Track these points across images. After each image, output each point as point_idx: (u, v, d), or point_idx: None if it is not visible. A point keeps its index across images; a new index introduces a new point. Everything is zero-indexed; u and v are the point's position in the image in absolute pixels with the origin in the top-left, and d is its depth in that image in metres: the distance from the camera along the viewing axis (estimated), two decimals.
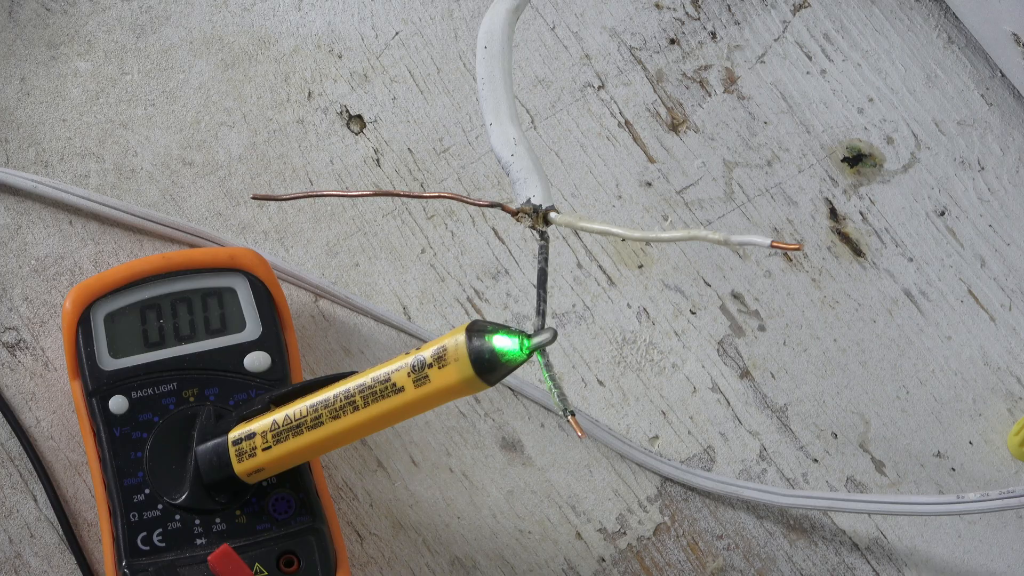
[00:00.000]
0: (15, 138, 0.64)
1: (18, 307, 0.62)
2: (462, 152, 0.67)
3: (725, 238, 0.48)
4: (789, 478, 0.64)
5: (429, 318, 0.64)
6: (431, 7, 0.69)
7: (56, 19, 0.67)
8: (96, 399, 0.57)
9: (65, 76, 0.66)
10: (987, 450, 0.65)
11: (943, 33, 0.71)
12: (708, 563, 0.62)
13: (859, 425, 0.65)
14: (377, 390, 0.50)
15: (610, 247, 0.66)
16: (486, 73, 0.56)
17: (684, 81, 0.69)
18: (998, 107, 0.70)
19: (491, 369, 0.48)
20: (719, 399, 0.65)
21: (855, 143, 0.69)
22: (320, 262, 0.65)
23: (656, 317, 0.65)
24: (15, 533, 0.59)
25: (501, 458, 0.63)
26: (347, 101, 0.67)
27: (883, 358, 0.66)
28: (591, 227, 0.51)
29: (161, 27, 0.67)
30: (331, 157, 0.66)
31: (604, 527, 0.63)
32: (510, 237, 0.66)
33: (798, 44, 0.70)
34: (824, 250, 0.67)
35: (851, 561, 0.63)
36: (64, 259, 0.63)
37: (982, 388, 0.66)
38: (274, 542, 0.56)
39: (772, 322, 0.66)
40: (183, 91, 0.66)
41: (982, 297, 0.67)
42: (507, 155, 0.55)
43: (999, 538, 0.64)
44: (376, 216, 0.65)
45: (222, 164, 0.65)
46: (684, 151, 0.68)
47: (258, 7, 0.68)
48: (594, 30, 0.70)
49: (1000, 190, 0.69)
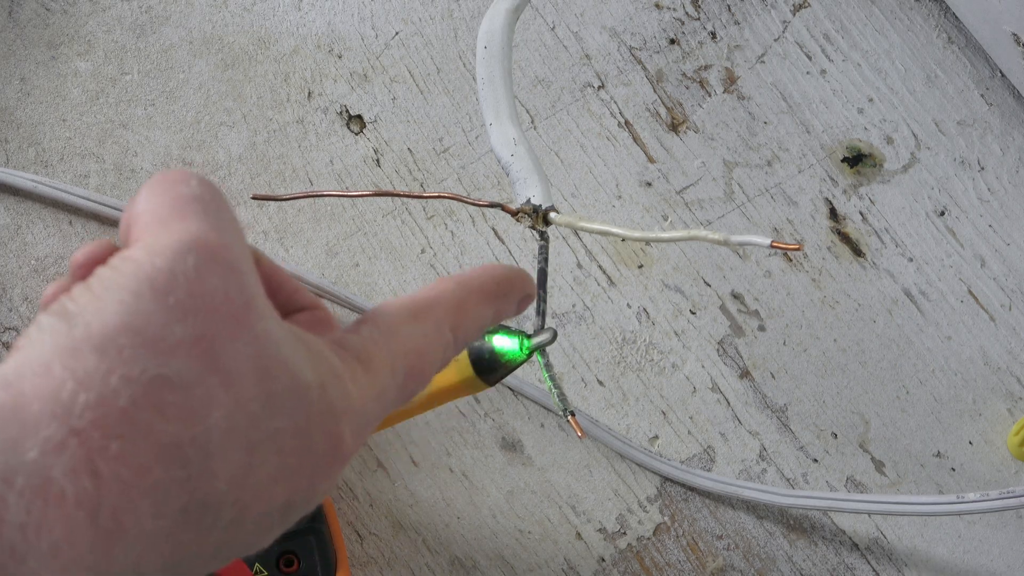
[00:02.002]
0: (15, 138, 0.64)
1: (18, 307, 0.62)
2: (462, 152, 0.67)
3: (725, 238, 0.48)
4: (789, 478, 0.64)
5: None
6: (431, 7, 0.69)
7: (56, 19, 0.67)
8: None
9: (65, 76, 0.66)
10: (987, 450, 0.65)
11: (943, 33, 0.71)
12: (708, 563, 0.62)
13: (859, 425, 0.65)
14: None
15: (610, 247, 0.66)
16: (486, 73, 0.56)
17: (684, 81, 0.69)
18: (998, 107, 0.70)
19: (491, 369, 0.48)
20: (719, 399, 0.65)
21: (855, 143, 0.69)
22: (320, 262, 0.65)
23: (656, 317, 0.65)
24: None
25: (501, 458, 0.63)
26: (347, 101, 0.67)
27: (883, 358, 0.66)
28: (591, 227, 0.51)
29: (161, 27, 0.67)
30: (331, 157, 0.66)
31: (604, 527, 0.63)
32: (510, 237, 0.66)
33: (798, 44, 0.70)
34: (824, 250, 0.67)
35: (851, 561, 0.63)
36: (64, 259, 0.63)
37: (982, 388, 0.66)
38: (274, 542, 0.56)
39: (772, 322, 0.66)
40: (183, 91, 0.66)
41: (982, 297, 0.67)
42: (507, 155, 0.55)
43: (999, 538, 0.64)
44: (376, 216, 0.65)
45: (222, 164, 0.65)
46: (684, 151, 0.68)
47: (258, 7, 0.68)
48: (594, 30, 0.70)
49: (1000, 190, 0.69)
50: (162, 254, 0.33)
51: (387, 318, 0.38)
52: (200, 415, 0.32)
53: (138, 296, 0.33)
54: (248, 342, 0.34)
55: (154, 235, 0.34)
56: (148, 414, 0.32)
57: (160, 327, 0.32)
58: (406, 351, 0.38)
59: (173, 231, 0.34)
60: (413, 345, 0.38)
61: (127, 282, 0.33)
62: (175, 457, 0.32)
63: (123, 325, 0.32)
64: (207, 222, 0.35)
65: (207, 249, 0.34)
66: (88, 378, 0.31)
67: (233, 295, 0.34)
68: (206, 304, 0.33)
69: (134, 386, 0.32)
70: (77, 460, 0.30)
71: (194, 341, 0.33)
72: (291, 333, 0.35)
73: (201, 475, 0.32)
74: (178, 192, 0.35)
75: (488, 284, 0.40)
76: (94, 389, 0.31)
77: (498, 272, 0.41)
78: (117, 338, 0.32)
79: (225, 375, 0.33)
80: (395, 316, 0.39)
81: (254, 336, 0.34)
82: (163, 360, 0.32)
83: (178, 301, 0.33)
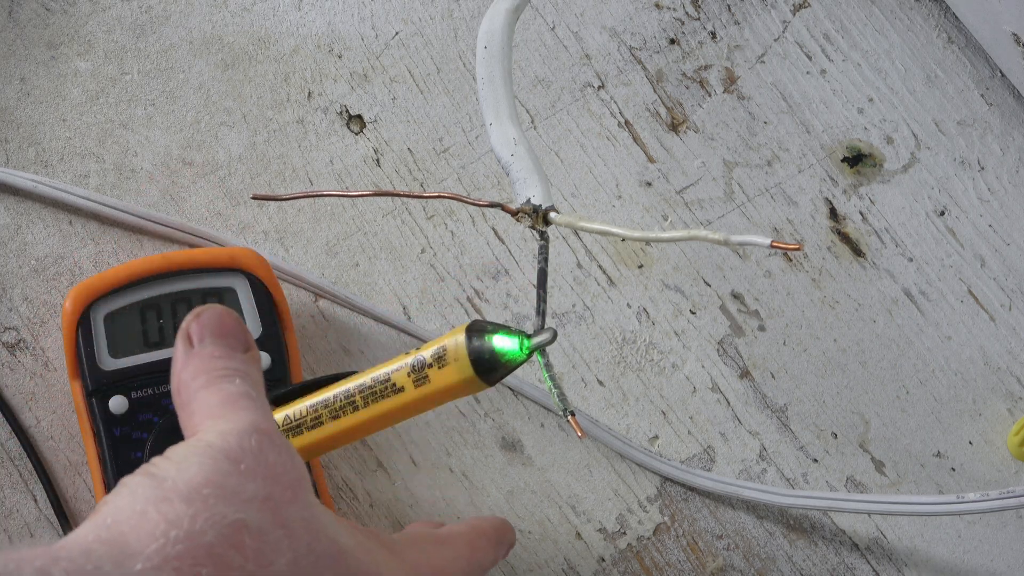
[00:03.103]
0: (15, 138, 0.64)
1: (18, 307, 0.62)
2: (462, 152, 0.67)
3: (725, 238, 0.48)
4: (789, 478, 0.64)
5: (429, 318, 0.64)
6: (431, 7, 0.69)
7: (56, 19, 0.67)
8: (96, 399, 0.57)
9: (65, 76, 0.66)
10: (987, 450, 0.65)
11: (943, 33, 0.71)
12: (708, 563, 0.62)
13: (859, 425, 0.65)
14: (377, 390, 0.50)
15: (610, 247, 0.66)
16: (486, 73, 0.56)
17: (684, 81, 0.69)
18: (998, 107, 0.70)
19: (491, 369, 0.48)
20: (719, 399, 0.65)
21: (855, 143, 0.69)
22: (320, 262, 0.65)
23: (656, 317, 0.65)
24: (15, 533, 0.59)
25: (501, 458, 0.63)
26: (347, 101, 0.67)
27: (883, 358, 0.66)
28: (591, 227, 0.51)
29: (161, 27, 0.67)
30: (331, 157, 0.66)
31: (604, 527, 0.63)
32: (510, 237, 0.66)
33: (798, 44, 0.70)
34: (824, 250, 0.67)
35: (851, 561, 0.63)
36: (64, 259, 0.63)
37: (982, 388, 0.66)
38: None
39: (772, 322, 0.66)
40: (183, 91, 0.66)
41: (982, 297, 0.67)
42: (507, 155, 0.55)
43: (999, 538, 0.64)
44: (376, 216, 0.65)
45: (222, 164, 0.65)
46: (684, 151, 0.68)
47: (258, 7, 0.68)
48: (594, 30, 0.70)
49: (1000, 190, 0.69)
50: (230, 434, 0.41)
51: (416, 534, 0.46)
52: (270, 558, 0.38)
53: (215, 461, 0.39)
54: (302, 507, 0.40)
55: (215, 423, 0.42)
56: (229, 551, 0.37)
57: (236, 484, 0.39)
58: (431, 562, 0.45)
59: (231, 420, 0.42)
60: (438, 561, 0.46)
61: (204, 451, 0.40)
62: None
63: (206, 481, 0.38)
64: (258, 413, 0.42)
65: (264, 432, 0.41)
66: (178, 519, 0.37)
67: (289, 468, 0.41)
68: (270, 472, 0.40)
69: (218, 527, 0.37)
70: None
71: (264, 499, 0.39)
72: (328, 510, 0.42)
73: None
74: (228, 391, 0.43)
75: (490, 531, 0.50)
76: (184, 528, 0.36)
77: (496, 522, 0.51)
78: (201, 490, 0.38)
79: (288, 530, 0.39)
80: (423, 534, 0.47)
81: (306, 504, 0.41)
82: (241, 508, 0.38)
83: (248, 467, 0.40)
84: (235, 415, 0.42)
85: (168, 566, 0.35)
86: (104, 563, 0.34)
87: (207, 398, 0.43)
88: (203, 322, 0.46)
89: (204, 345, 0.45)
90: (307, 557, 0.39)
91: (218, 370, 0.44)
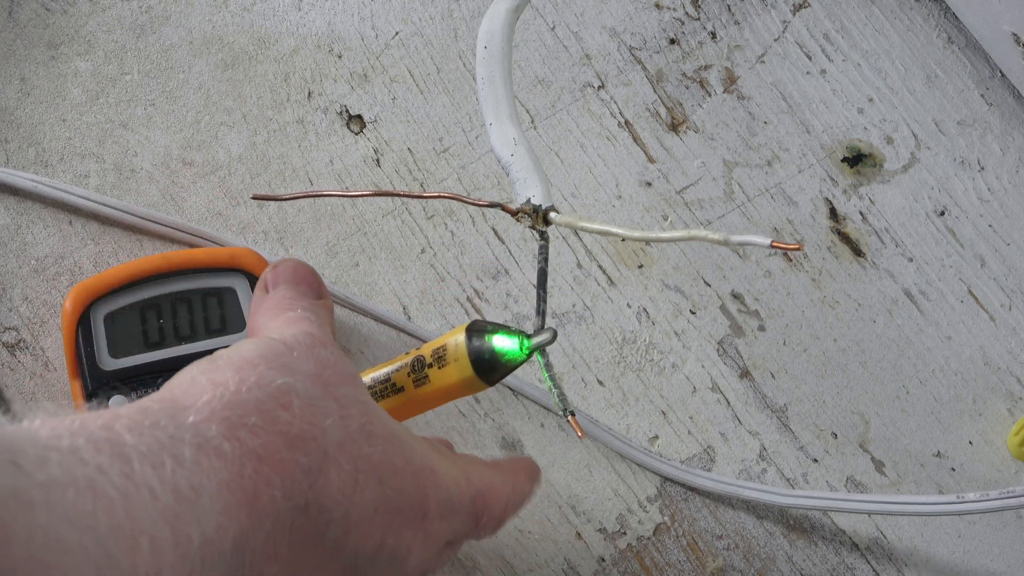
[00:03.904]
0: (15, 138, 0.64)
1: (18, 307, 0.62)
2: (462, 152, 0.67)
3: (725, 238, 0.48)
4: (789, 478, 0.64)
5: (429, 318, 0.64)
6: (431, 7, 0.69)
7: (56, 19, 0.67)
8: (96, 399, 0.57)
9: (65, 76, 0.66)
10: (987, 450, 0.65)
11: (943, 33, 0.71)
12: (708, 563, 0.62)
13: (859, 425, 0.65)
14: (377, 390, 0.50)
15: (610, 247, 0.66)
16: (486, 73, 0.56)
17: (684, 81, 0.69)
18: (998, 107, 0.70)
19: (491, 369, 0.48)
20: (719, 399, 0.65)
21: (855, 143, 0.69)
22: (320, 262, 0.64)
23: (656, 317, 0.65)
24: None
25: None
26: (347, 101, 0.67)
27: (883, 358, 0.66)
28: (591, 227, 0.51)
29: (161, 27, 0.67)
30: (331, 157, 0.66)
31: (604, 527, 0.63)
32: (510, 237, 0.66)
33: (798, 44, 0.70)
34: (824, 250, 0.67)
35: (851, 561, 0.63)
36: (64, 259, 0.63)
37: (982, 388, 0.66)
38: None
39: (772, 322, 0.66)
40: (183, 91, 0.66)
41: (982, 297, 0.67)
42: (507, 155, 0.55)
43: (999, 538, 0.64)
44: (376, 216, 0.65)
45: (222, 164, 0.65)
46: (684, 151, 0.68)
47: (258, 7, 0.68)
48: (594, 30, 0.70)
49: (1000, 190, 0.69)
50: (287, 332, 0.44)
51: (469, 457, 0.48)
52: (318, 419, 0.40)
53: (269, 344, 0.42)
54: (356, 390, 0.42)
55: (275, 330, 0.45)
56: (276, 407, 0.39)
57: (288, 360, 0.41)
58: (481, 477, 0.47)
59: (289, 329, 0.44)
60: (488, 478, 0.47)
61: (260, 341, 0.42)
62: (298, 446, 0.39)
63: (258, 355, 0.41)
64: (316, 327, 0.45)
65: (319, 338, 0.44)
66: (226, 382, 0.40)
67: (341, 364, 0.43)
68: (322, 360, 0.42)
69: (265, 388, 0.40)
70: (223, 428, 0.38)
71: (315, 374, 0.41)
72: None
73: (319, 473, 0.39)
74: (290, 316, 0.46)
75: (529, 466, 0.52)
76: (231, 389, 0.39)
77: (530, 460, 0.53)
78: (252, 360, 0.41)
79: (338, 401, 0.41)
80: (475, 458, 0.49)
81: (360, 390, 0.43)
82: (290, 375, 0.41)
83: (300, 353, 0.42)
84: (291, 327, 0.45)
85: (217, 416, 0.38)
86: (160, 417, 0.37)
87: (270, 322, 0.46)
88: (279, 271, 0.49)
89: (278, 290, 0.48)
90: (359, 432, 0.41)
91: (287, 306, 0.47)
